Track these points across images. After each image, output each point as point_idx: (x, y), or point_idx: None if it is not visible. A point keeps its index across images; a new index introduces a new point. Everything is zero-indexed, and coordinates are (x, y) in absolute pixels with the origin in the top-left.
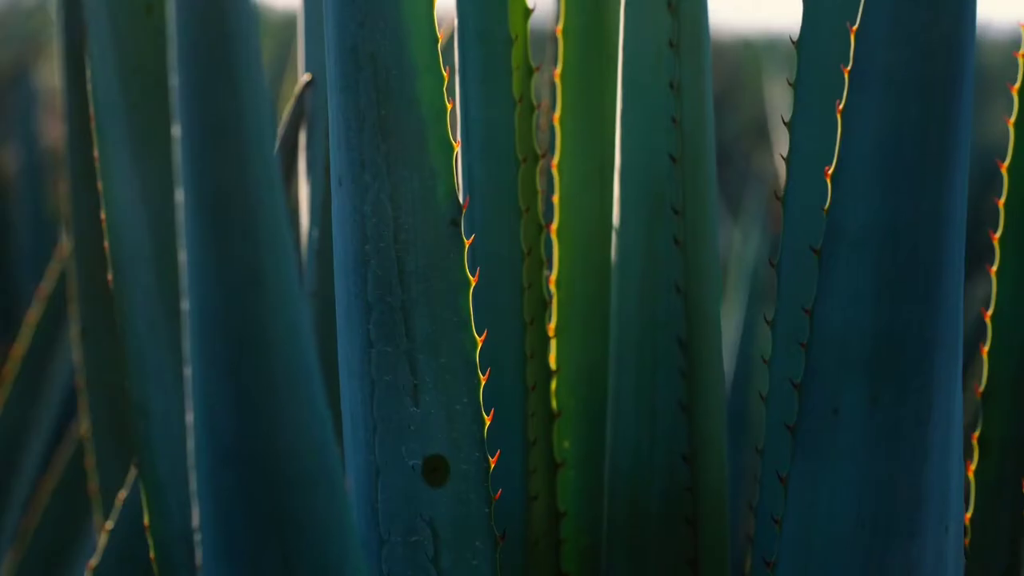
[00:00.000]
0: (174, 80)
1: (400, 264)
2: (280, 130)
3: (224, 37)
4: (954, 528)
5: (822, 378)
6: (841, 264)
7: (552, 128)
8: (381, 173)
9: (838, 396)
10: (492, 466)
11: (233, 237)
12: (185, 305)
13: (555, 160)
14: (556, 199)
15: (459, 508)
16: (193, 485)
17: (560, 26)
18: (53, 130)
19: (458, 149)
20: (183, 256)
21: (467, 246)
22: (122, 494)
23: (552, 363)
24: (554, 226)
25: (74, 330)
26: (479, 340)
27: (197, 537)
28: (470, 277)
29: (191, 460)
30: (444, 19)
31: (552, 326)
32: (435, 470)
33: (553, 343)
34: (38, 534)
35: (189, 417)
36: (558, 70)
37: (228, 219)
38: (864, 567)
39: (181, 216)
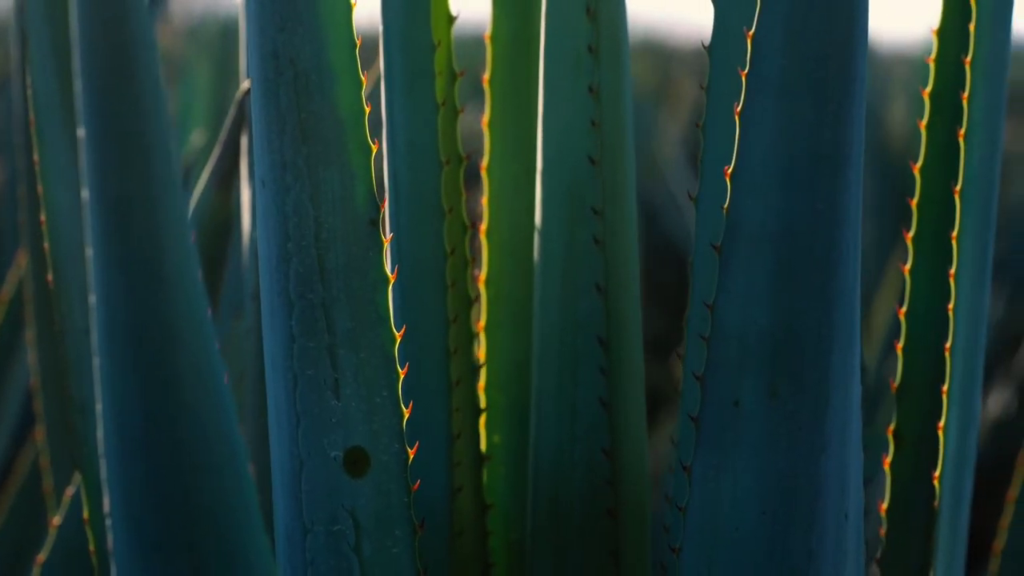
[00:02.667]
0: (77, 84)
1: (321, 262)
2: (222, 135)
3: (124, 42)
4: (853, 517)
5: (723, 371)
6: (740, 261)
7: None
8: (302, 174)
9: (738, 389)
10: (411, 458)
11: (134, 234)
12: (92, 299)
13: (484, 163)
14: (485, 201)
15: (380, 498)
16: (104, 473)
17: (489, 32)
18: None
19: (377, 151)
20: (89, 252)
21: (386, 245)
22: (69, 491)
23: (480, 359)
24: (483, 227)
25: (29, 333)
26: (398, 336)
27: (108, 522)
28: (388, 275)
29: (101, 448)
30: (371, 25)
31: (481, 324)
32: (356, 461)
33: (483, 340)
34: (2, 534)
35: (99, 407)
36: (486, 75)
37: (130, 217)
38: (767, 555)
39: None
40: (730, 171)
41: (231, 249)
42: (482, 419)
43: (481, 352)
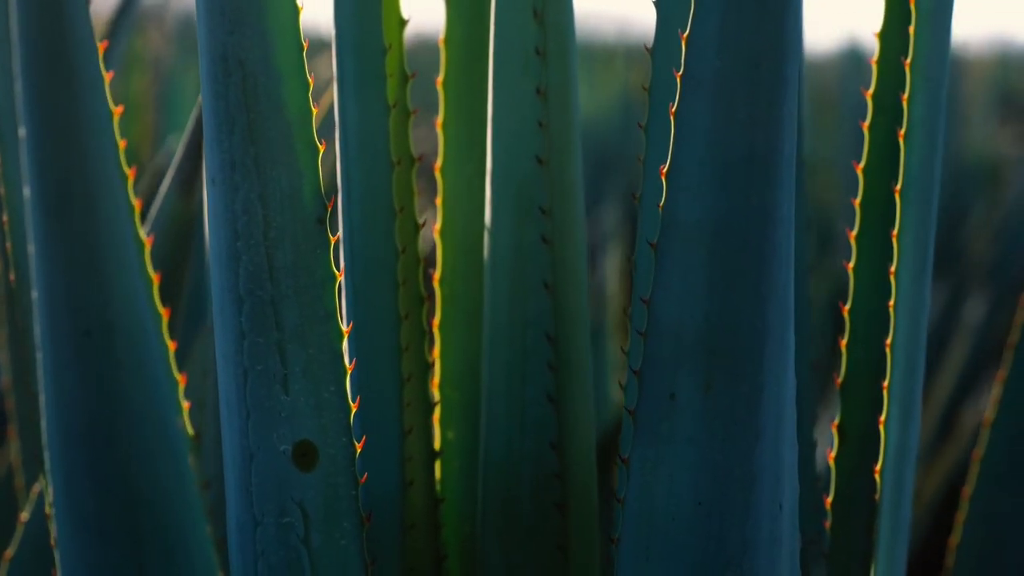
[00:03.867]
0: (17, 85)
1: (270, 260)
2: (185, 137)
3: (63, 44)
4: (787, 507)
5: (660, 365)
6: (675, 258)
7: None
8: (251, 174)
9: (674, 382)
10: (358, 451)
11: (74, 229)
12: (35, 294)
13: (438, 163)
14: (439, 201)
15: (328, 491)
16: (47, 463)
17: (442, 36)
18: None
19: (324, 151)
20: (31, 248)
21: (333, 243)
22: (36, 487)
23: (434, 356)
24: (437, 227)
25: (1, 333)
26: (345, 331)
27: (51, 512)
28: (336, 272)
29: (44, 439)
30: (325, 28)
31: (436, 322)
32: (305, 455)
33: (437, 338)
34: None
35: (41, 399)
36: (440, 77)
37: (70, 213)
38: (703, 545)
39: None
40: (665, 170)
41: (195, 250)
42: (436, 415)
43: (435, 350)
